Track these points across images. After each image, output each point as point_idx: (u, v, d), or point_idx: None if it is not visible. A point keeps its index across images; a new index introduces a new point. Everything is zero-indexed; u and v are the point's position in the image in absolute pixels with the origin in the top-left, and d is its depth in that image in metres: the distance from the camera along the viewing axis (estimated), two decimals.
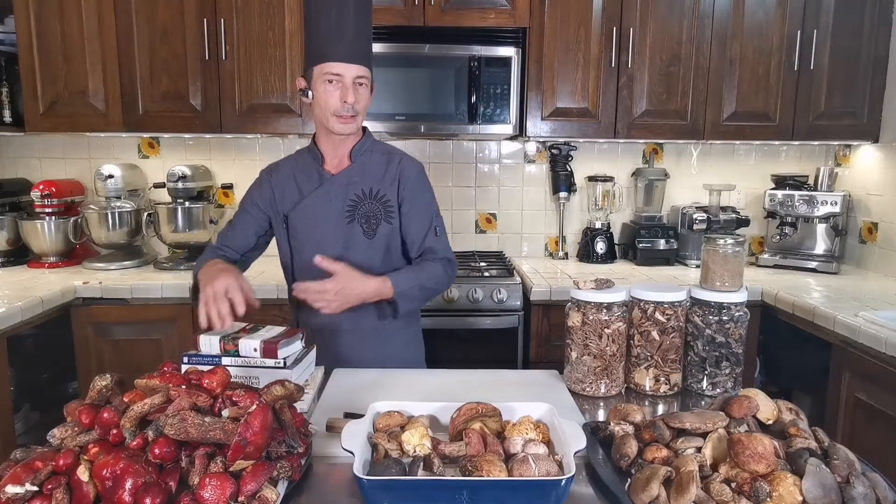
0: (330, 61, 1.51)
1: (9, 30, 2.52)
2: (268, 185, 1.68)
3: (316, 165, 1.66)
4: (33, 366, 2.42)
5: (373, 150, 1.68)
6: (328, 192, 1.62)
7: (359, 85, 1.54)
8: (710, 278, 1.39)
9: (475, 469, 0.88)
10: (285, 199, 1.66)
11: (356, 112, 1.55)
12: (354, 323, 1.64)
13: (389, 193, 1.64)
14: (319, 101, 1.55)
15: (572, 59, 2.56)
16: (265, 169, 1.73)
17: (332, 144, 1.64)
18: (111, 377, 0.96)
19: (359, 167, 1.65)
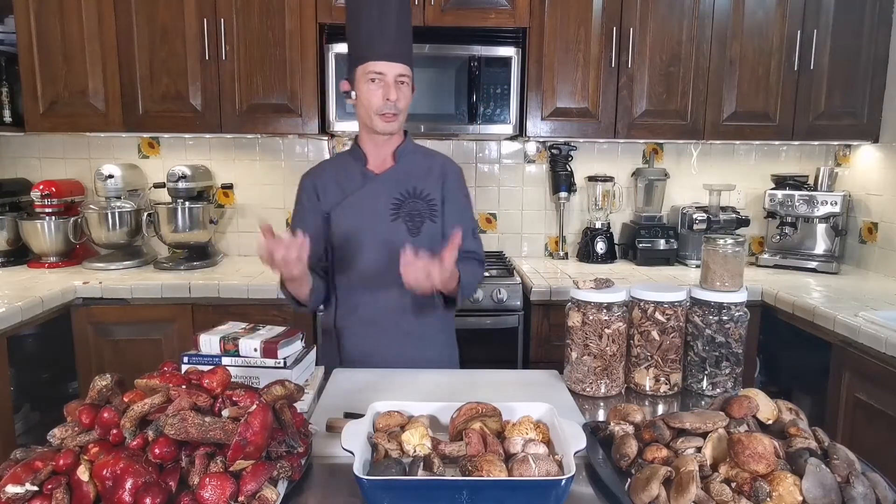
0: (372, 60, 1.53)
1: (9, 30, 2.53)
2: (311, 188, 1.68)
3: (359, 166, 1.66)
4: (33, 366, 2.42)
5: (415, 151, 1.70)
6: (373, 190, 1.63)
7: (401, 83, 1.55)
8: (710, 278, 1.39)
9: (475, 469, 0.88)
10: (328, 198, 1.66)
11: (398, 110, 1.56)
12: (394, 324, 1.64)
13: (434, 192, 1.65)
14: (363, 100, 1.57)
15: (572, 59, 2.56)
16: (305, 174, 1.74)
17: (375, 145, 1.65)
18: (111, 377, 0.96)
19: (403, 166, 1.66)
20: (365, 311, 1.65)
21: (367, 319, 1.65)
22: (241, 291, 2.33)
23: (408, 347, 1.65)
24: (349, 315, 1.67)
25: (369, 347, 1.66)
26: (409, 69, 1.57)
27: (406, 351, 1.64)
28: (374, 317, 1.64)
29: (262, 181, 2.95)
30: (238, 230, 2.99)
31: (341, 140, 2.93)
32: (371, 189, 1.64)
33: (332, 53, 2.47)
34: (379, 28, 1.52)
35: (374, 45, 1.53)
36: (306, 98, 2.53)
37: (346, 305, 1.67)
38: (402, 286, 1.57)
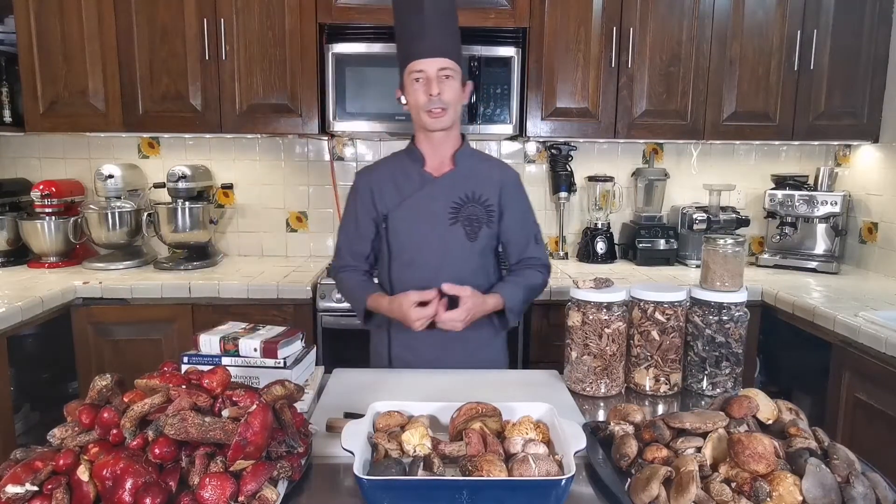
0: (413, 60, 1.53)
1: (9, 30, 2.53)
2: (367, 188, 1.67)
3: (417, 167, 1.66)
4: (33, 366, 2.42)
5: (473, 155, 1.70)
6: (432, 193, 1.63)
7: (444, 77, 1.53)
8: (710, 278, 1.39)
9: (475, 469, 0.88)
10: (384, 199, 1.65)
11: (444, 104, 1.54)
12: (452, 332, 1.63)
13: (492, 198, 1.65)
14: (410, 101, 1.57)
15: (572, 59, 2.56)
16: (360, 173, 1.73)
17: (432, 146, 1.64)
18: (111, 377, 0.96)
19: (462, 170, 1.65)
20: None
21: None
22: (241, 291, 2.33)
23: (459, 351, 1.65)
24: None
25: (422, 350, 1.65)
26: (453, 62, 1.55)
27: (458, 354, 1.64)
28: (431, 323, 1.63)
29: (262, 181, 2.95)
30: (238, 230, 2.99)
31: (341, 140, 2.93)
32: (429, 192, 1.63)
33: (332, 53, 2.47)
34: (416, 27, 1.52)
35: (412, 45, 1.53)
36: (306, 98, 2.53)
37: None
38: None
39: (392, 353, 1.69)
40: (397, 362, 1.68)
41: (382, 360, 1.71)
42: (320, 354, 2.35)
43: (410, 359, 1.66)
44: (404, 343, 1.67)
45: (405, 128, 2.55)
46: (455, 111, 1.59)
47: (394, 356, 1.69)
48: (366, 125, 2.53)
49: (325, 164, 2.95)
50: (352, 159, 2.96)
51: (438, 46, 1.53)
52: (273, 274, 2.53)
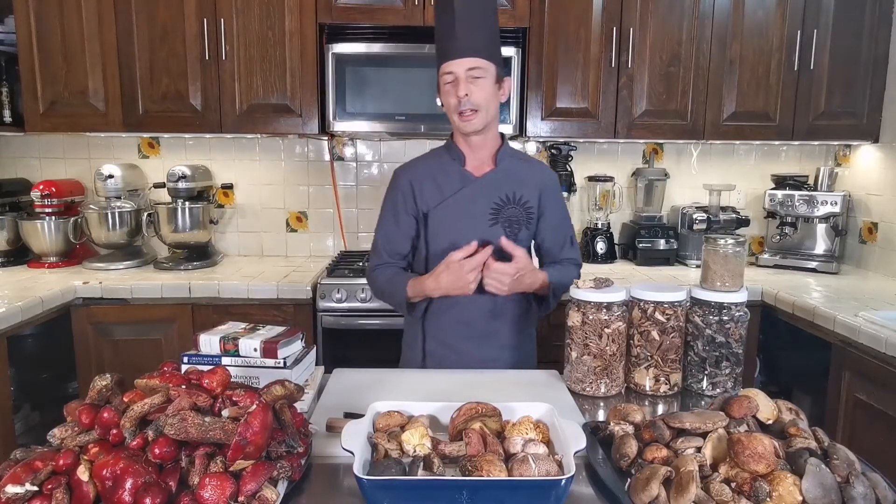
0: (443, 62, 1.53)
1: (9, 30, 2.53)
2: (407, 185, 1.66)
3: (457, 166, 1.65)
4: (33, 366, 2.42)
5: (513, 155, 1.69)
6: (472, 193, 1.62)
7: (474, 77, 1.51)
8: (710, 278, 1.39)
9: (475, 469, 0.88)
10: (424, 197, 1.64)
11: (475, 106, 1.52)
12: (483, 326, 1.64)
13: (532, 200, 1.65)
14: (444, 103, 1.57)
15: (572, 59, 2.56)
16: (400, 169, 1.71)
17: (470, 146, 1.64)
18: (111, 377, 0.96)
19: (503, 171, 1.65)
20: (457, 313, 1.64)
21: (459, 321, 1.64)
22: (241, 291, 2.33)
23: (494, 349, 1.66)
24: (441, 315, 1.65)
25: (458, 347, 1.65)
26: (485, 61, 1.51)
27: (492, 352, 1.65)
28: (466, 318, 1.64)
29: (262, 181, 2.95)
30: (238, 230, 2.99)
31: (341, 140, 2.93)
32: (470, 192, 1.62)
33: (332, 53, 2.47)
34: (446, 28, 1.51)
35: (443, 48, 1.53)
36: (306, 98, 2.53)
37: (439, 305, 1.64)
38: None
39: (426, 348, 1.68)
40: (431, 358, 1.68)
41: (416, 356, 1.70)
42: (320, 354, 2.35)
43: (444, 354, 1.66)
44: (438, 339, 1.66)
45: (405, 128, 2.56)
46: (488, 112, 1.56)
47: (428, 351, 1.68)
48: (366, 125, 2.53)
49: (325, 164, 2.95)
50: (352, 159, 2.96)
51: (467, 46, 1.50)
52: (273, 274, 2.53)
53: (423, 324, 1.69)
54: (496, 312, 1.65)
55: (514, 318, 1.67)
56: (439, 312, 1.65)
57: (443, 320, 1.66)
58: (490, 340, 1.65)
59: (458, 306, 1.63)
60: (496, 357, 1.65)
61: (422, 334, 1.69)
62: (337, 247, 3.01)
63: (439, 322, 1.66)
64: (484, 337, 1.65)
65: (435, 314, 1.67)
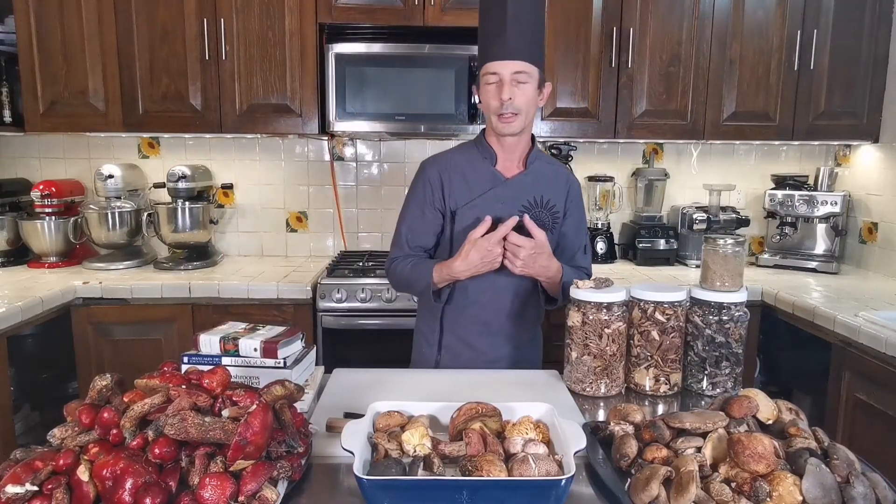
0: (488, 62, 1.51)
1: (9, 30, 2.53)
2: (437, 178, 1.64)
3: (488, 165, 1.64)
4: (33, 366, 2.42)
5: (540, 159, 1.68)
6: (502, 195, 1.61)
7: (518, 82, 1.50)
8: (710, 278, 1.39)
9: (475, 469, 0.88)
10: (454, 193, 1.62)
11: (517, 110, 1.52)
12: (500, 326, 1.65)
13: (559, 203, 1.65)
14: (483, 102, 1.56)
15: (572, 59, 2.56)
16: (428, 161, 1.69)
17: (503, 147, 1.63)
18: (111, 377, 0.96)
19: (532, 174, 1.64)
20: (476, 312, 1.64)
21: (477, 320, 1.64)
22: (241, 291, 2.33)
23: (508, 347, 1.67)
24: (459, 313, 1.65)
25: (475, 344, 1.66)
26: (532, 66, 1.51)
27: (507, 351, 1.66)
28: (485, 318, 1.64)
29: (262, 181, 2.95)
30: (238, 230, 2.99)
31: (341, 140, 2.93)
32: (500, 193, 1.61)
33: (332, 53, 2.47)
34: (495, 28, 1.49)
35: (488, 47, 1.51)
36: (306, 98, 2.53)
37: (459, 304, 1.64)
38: (513, 292, 1.64)
39: (443, 343, 1.68)
40: (447, 352, 1.68)
41: (431, 350, 1.70)
42: (320, 354, 2.35)
43: (460, 350, 1.66)
44: (456, 335, 1.67)
45: (405, 128, 2.56)
46: (527, 116, 1.56)
47: (444, 345, 1.68)
48: (366, 125, 2.53)
49: (325, 164, 2.95)
50: (352, 159, 2.96)
51: (515, 49, 1.49)
52: (273, 274, 2.53)
53: (442, 319, 1.68)
54: (513, 313, 1.65)
55: (529, 319, 1.69)
56: (459, 310, 1.65)
57: (461, 318, 1.66)
58: (506, 340, 1.67)
59: (477, 305, 1.64)
60: (509, 355, 1.67)
61: (439, 329, 1.69)
62: (337, 247, 3.01)
63: (457, 318, 1.66)
64: (501, 337, 1.66)
65: (454, 311, 1.67)
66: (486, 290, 1.62)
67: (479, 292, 1.63)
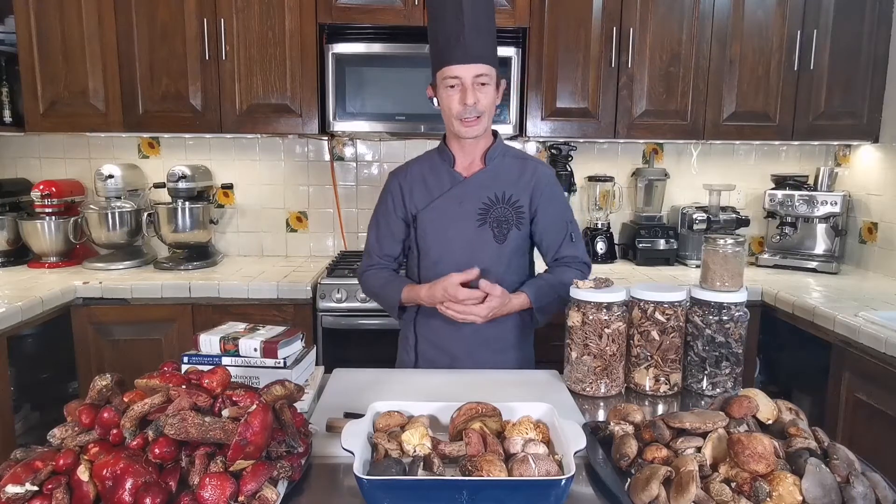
0: (448, 65, 1.51)
1: (9, 30, 2.53)
2: (397, 189, 1.67)
3: (446, 167, 1.64)
4: (33, 366, 2.42)
5: (505, 154, 1.67)
6: (460, 194, 1.61)
7: (480, 84, 1.51)
8: (710, 278, 1.39)
9: (475, 469, 0.88)
10: (415, 198, 1.64)
11: (479, 112, 1.53)
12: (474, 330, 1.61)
13: (523, 199, 1.63)
14: (443, 106, 1.56)
15: (572, 59, 2.56)
16: (393, 172, 1.72)
17: (462, 147, 1.63)
18: (111, 377, 0.96)
19: (492, 171, 1.63)
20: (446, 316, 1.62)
21: (448, 323, 1.61)
22: (241, 291, 2.33)
23: (487, 352, 1.64)
24: (431, 317, 1.64)
25: (449, 350, 1.64)
26: (491, 68, 1.52)
27: (483, 356, 1.63)
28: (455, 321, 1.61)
29: (262, 181, 2.95)
30: (238, 230, 2.99)
31: (341, 140, 2.93)
32: (458, 192, 1.61)
33: (332, 53, 2.47)
34: (454, 32, 1.49)
35: (448, 50, 1.50)
36: (306, 98, 2.53)
37: (429, 308, 1.62)
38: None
39: (418, 350, 1.68)
40: (423, 360, 1.67)
41: (409, 357, 1.70)
42: (320, 354, 2.35)
43: (435, 357, 1.65)
44: (429, 341, 1.66)
45: (405, 128, 2.56)
46: (489, 117, 1.57)
47: (420, 353, 1.68)
48: (366, 125, 2.53)
49: (325, 164, 2.95)
50: (352, 159, 2.96)
51: (477, 52, 1.49)
52: (273, 274, 2.53)
53: (415, 326, 1.68)
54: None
55: (508, 322, 1.65)
56: (430, 315, 1.65)
57: (434, 323, 1.65)
58: (483, 345, 1.64)
59: None
60: (489, 360, 1.63)
61: (414, 336, 1.69)
62: (337, 247, 3.01)
63: (430, 324, 1.66)
64: (476, 340, 1.63)
65: (425, 316, 1.66)
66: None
67: None
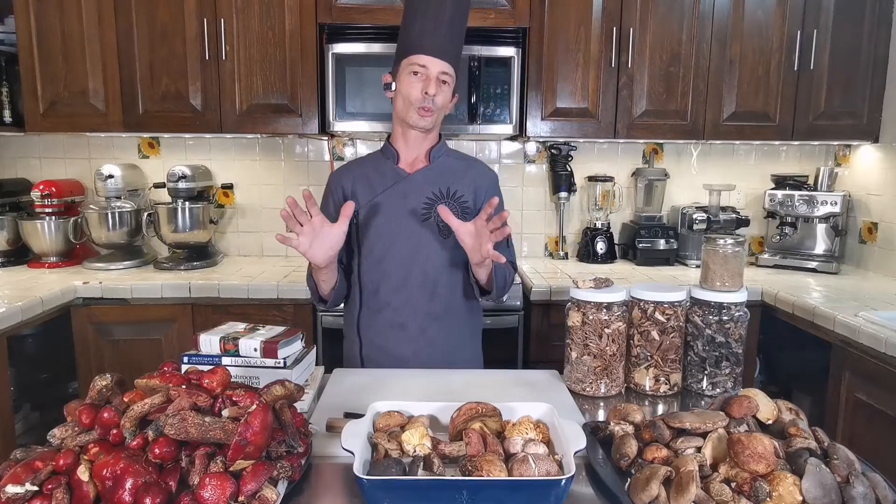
0: (418, 53, 1.51)
1: (9, 30, 2.53)
2: (339, 189, 1.66)
3: (390, 164, 1.64)
4: (33, 366, 2.42)
5: (449, 154, 1.69)
6: (404, 189, 1.61)
7: (442, 82, 1.54)
8: (710, 278, 1.39)
9: (475, 469, 0.88)
10: (357, 197, 1.63)
11: (435, 106, 1.54)
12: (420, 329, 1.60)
13: (467, 195, 1.63)
14: (402, 91, 1.55)
15: (572, 59, 2.56)
16: (334, 173, 1.72)
17: (407, 143, 1.63)
18: (111, 377, 0.96)
19: (437, 168, 1.64)
20: (391, 315, 1.60)
21: (392, 323, 1.60)
22: (241, 291, 2.33)
23: (434, 353, 1.61)
24: (374, 318, 1.62)
25: (394, 352, 1.61)
26: (454, 71, 1.55)
27: (431, 356, 1.60)
28: (400, 321, 1.60)
29: (262, 181, 2.95)
30: (238, 230, 2.99)
31: (341, 140, 2.93)
32: (402, 188, 1.61)
33: (332, 53, 2.47)
34: (432, 24, 1.51)
35: (422, 40, 1.51)
36: (306, 98, 2.53)
37: (371, 308, 1.62)
38: (430, 291, 1.59)
39: (363, 353, 1.65)
40: (369, 363, 1.64)
41: (355, 362, 1.67)
42: (320, 354, 2.35)
43: (381, 359, 1.62)
44: (374, 344, 1.63)
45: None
46: (440, 116, 1.59)
47: (364, 356, 1.65)
48: (366, 125, 2.53)
49: (325, 164, 2.95)
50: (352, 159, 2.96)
51: (448, 50, 1.52)
52: (273, 274, 2.53)
53: (358, 328, 1.65)
54: (433, 314, 1.60)
55: (456, 321, 1.64)
56: (371, 315, 1.62)
57: (376, 323, 1.62)
58: (429, 345, 1.61)
59: (390, 308, 1.60)
60: (438, 362, 1.59)
61: (358, 339, 1.65)
62: None
63: (373, 325, 1.62)
64: (422, 341, 1.60)
65: (367, 317, 1.63)
66: (399, 290, 1.59)
67: (391, 293, 1.60)
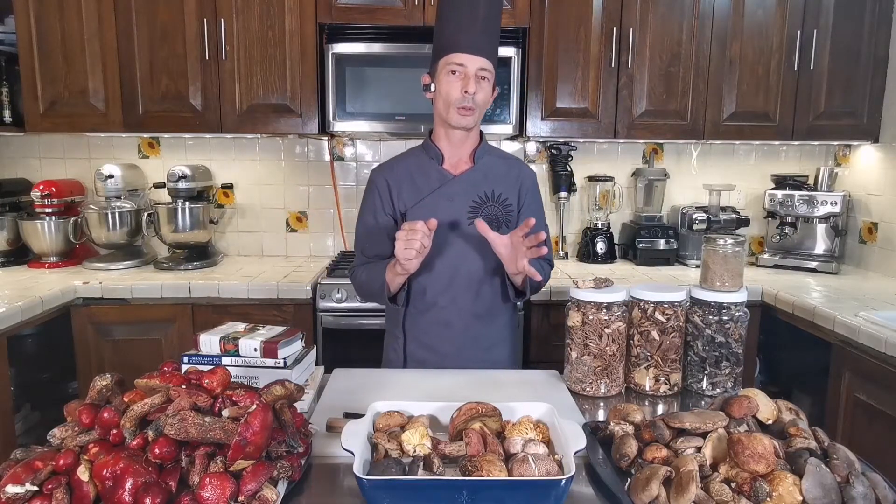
0: (455, 52, 1.51)
1: (9, 30, 2.53)
2: (384, 186, 1.64)
3: (434, 164, 1.63)
4: (33, 366, 2.42)
5: (491, 153, 1.68)
6: (450, 192, 1.61)
7: (481, 78, 1.53)
8: (710, 278, 1.39)
9: (475, 469, 0.88)
10: (403, 196, 1.62)
11: (476, 104, 1.54)
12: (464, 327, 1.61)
13: (511, 196, 1.64)
14: (441, 92, 1.55)
15: (572, 59, 2.56)
16: (377, 169, 1.70)
17: (450, 143, 1.62)
18: (111, 377, 0.96)
19: (481, 169, 1.63)
20: (437, 314, 1.61)
21: (438, 321, 1.61)
22: (241, 291, 2.33)
23: (475, 350, 1.63)
24: (420, 316, 1.63)
25: (439, 349, 1.63)
26: (493, 66, 1.55)
27: (473, 354, 1.62)
28: (446, 319, 1.61)
29: (262, 181, 2.95)
30: (238, 230, 2.99)
31: (341, 140, 2.93)
32: (448, 190, 1.60)
33: (332, 53, 2.47)
34: (467, 22, 1.50)
35: (458, 38, 1.51)
36: (306, 98, 2.53)
37: (419, 307, 1.62)
38: (475, 292, 1.60)
39: (407, 350, 1.67)
40: (412, 360, 1.66)
41: (398, 358, 1.68)
42: (320, 354, 2.35)
43: (425, 356, 1.64)
44: (420, 342, 1.65)
45: (405, 128, 2.56)
46: (482, 113, 1.59)
47: (409, 353, 1.66)
48: (366, 125, 2.53)
49: (325, 164, 2.95)
50: (352, 159, 2.96)
51: (485, 46, 1.52)
52: (273, 274, 2.53)
53: (404, 326, 1.66)
54: (477, 313, 1.62)
55: (497, 320, 1.65)
56: (418, 314, 1.63)
57: (422, 322, 1.63)
58: (472, 343, 1.63)
59: (437, 307, 1.61)
60: (479, 359, 1.62)
61: (402, 336, 1.67)
62: (337, 247, 3.01)
63: (418, 323, 1.64)
64: (465, 339, 1.62)
65: (413, 315, 1.65)
66: (446, 291, 1.60)
67: (438, 293, 1.61)
